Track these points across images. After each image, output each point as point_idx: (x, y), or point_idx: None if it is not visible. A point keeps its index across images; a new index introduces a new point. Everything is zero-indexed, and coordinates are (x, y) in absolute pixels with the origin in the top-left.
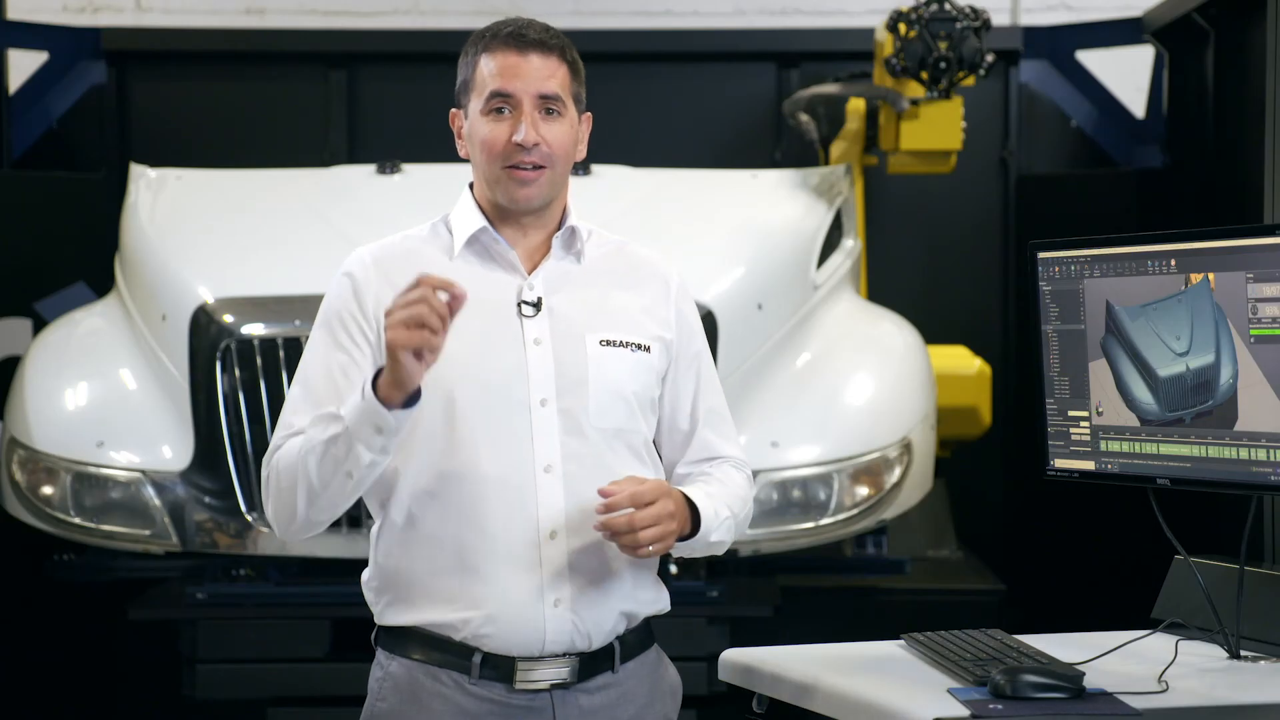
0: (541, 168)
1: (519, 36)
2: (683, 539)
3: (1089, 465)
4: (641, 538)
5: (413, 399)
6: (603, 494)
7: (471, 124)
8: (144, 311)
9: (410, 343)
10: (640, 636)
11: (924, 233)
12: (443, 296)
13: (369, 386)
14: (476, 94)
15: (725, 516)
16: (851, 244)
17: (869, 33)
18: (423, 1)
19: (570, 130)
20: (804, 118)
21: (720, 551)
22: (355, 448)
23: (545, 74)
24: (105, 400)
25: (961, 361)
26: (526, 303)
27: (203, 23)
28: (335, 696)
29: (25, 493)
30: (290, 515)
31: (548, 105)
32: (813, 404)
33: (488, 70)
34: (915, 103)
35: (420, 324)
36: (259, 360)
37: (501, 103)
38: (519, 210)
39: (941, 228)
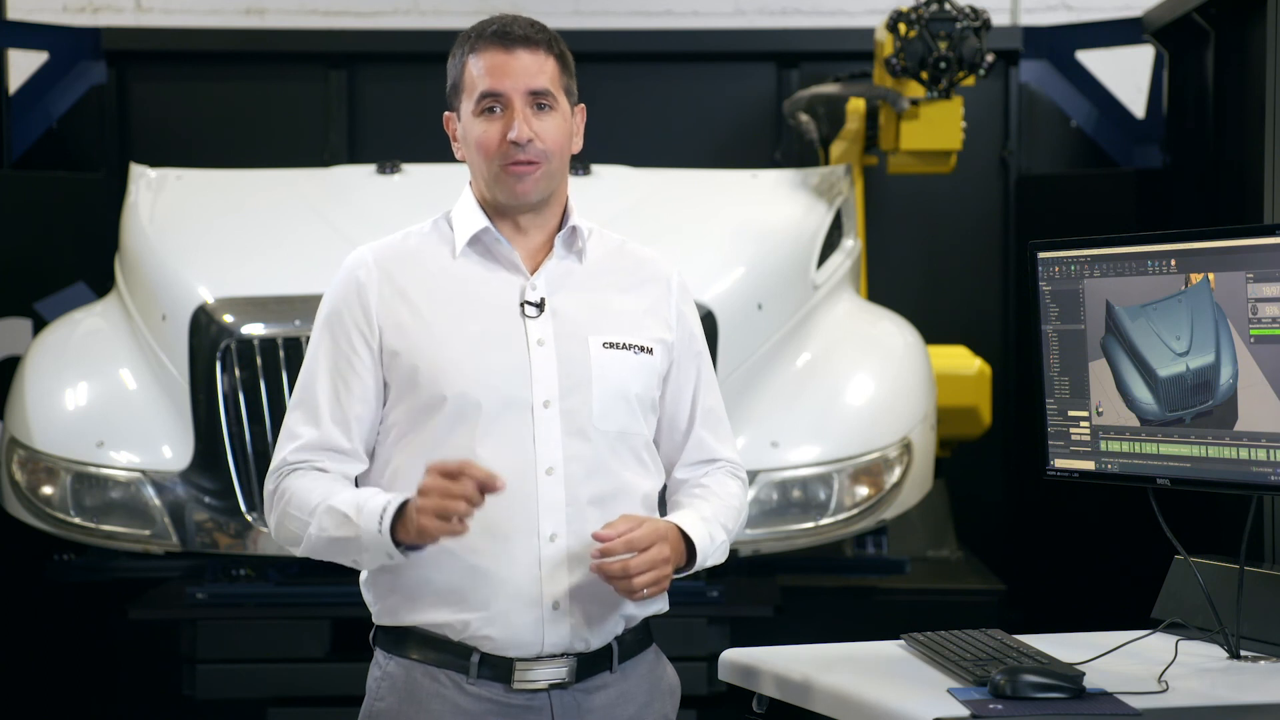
0: (537, 163)
1: (505, 34)
2: (678, 571)
3: (1089, 465)
4: (636, 584)
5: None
6: (598, 538)
7: (465, 125)
8: (144, 311)
9: (439, 534)
10: (639, 637)
11: (924, 233)
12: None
13: (388, 529)
14: (467, 95)
15: (721, 539)
16: (851, 244)
17: (869, 33)
18: (423, 1)
19: (563, 123)
20: (804, 118)
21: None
22: (363, 556)
23: (534, 69)
24: (105, 400)
25: (961, 361)
26: (530, 303)
27: (203, 23)
28: (335, 696)
29: (25, 493)
30: (292, 543)
31: (539, 101)
32: (813, 404)
33: (476, 70)
34: (915, 103)
35: (450, 517)
36: (259, 360)
37: (492, 102)
38: (519, 206)
39: (941, 228)
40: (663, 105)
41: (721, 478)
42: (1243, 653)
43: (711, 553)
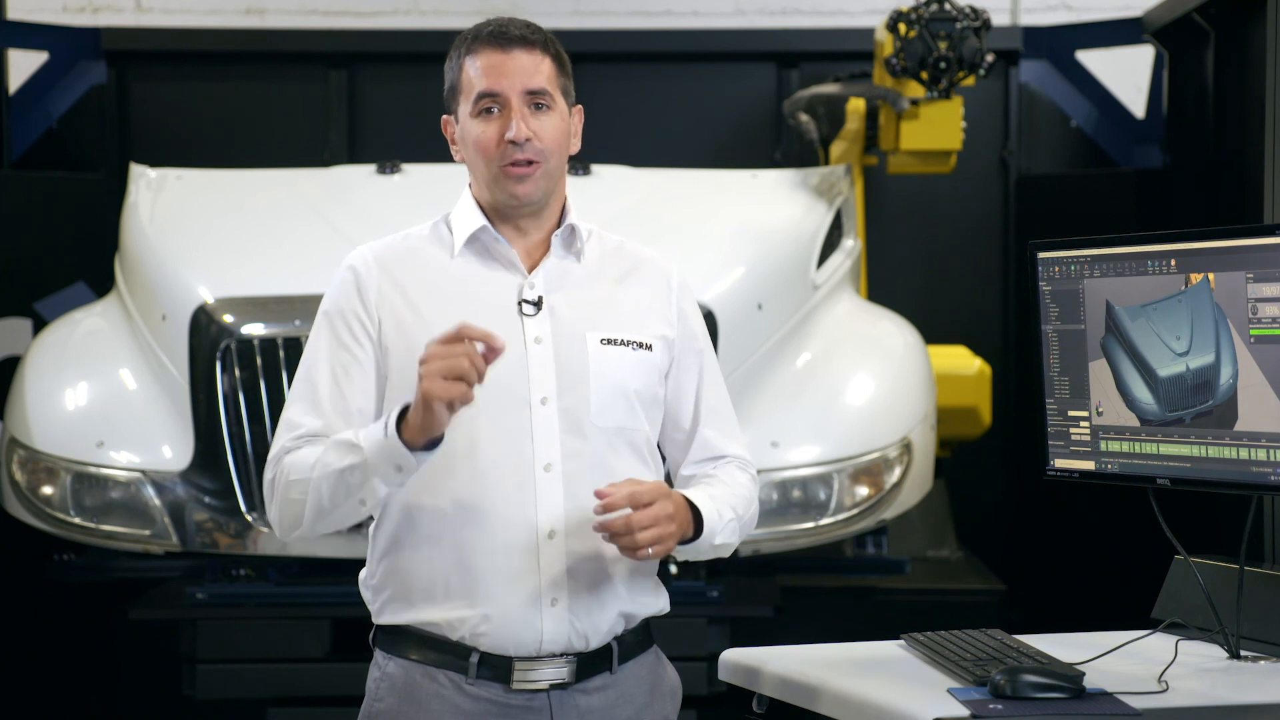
0: (536, 163)
1: (501, 35)
2: (685, 542)
3: (1089, 465)
4: (639, 539)
5: (436, 440)
6: (599, 495)
7: (463, 127)
8: (144, 311)
9: (447, 395)
10: (639, 637)
11: (924, 233)
12: (479, 347)
13: (393, 427)
14: (465, 97)
15: (729, 518)
16: (851, 244)
17: (869, 33)
18: (423, 1)
19: (561, 123)
20: (804, 118)
21: (727, 554)
22: (372, 480)
23: (531, 69)
24: (105, 400)
25: (961, 361)
26: (527, 301)
27: (203, 23)
28: (335, 696)
29: (25, 493)
30: (294, 524)
31: (536, 100)
32: (813, 404)
33: (473, 71)
34: (915, 103)
35: (459, 377)
36: (259, 360)
37: (490, 102)
38: (518, 207)
39: (941, 228)
40: (663, 105)
41: (730, 470)
42: (1243, 653)
43: (720, 528)
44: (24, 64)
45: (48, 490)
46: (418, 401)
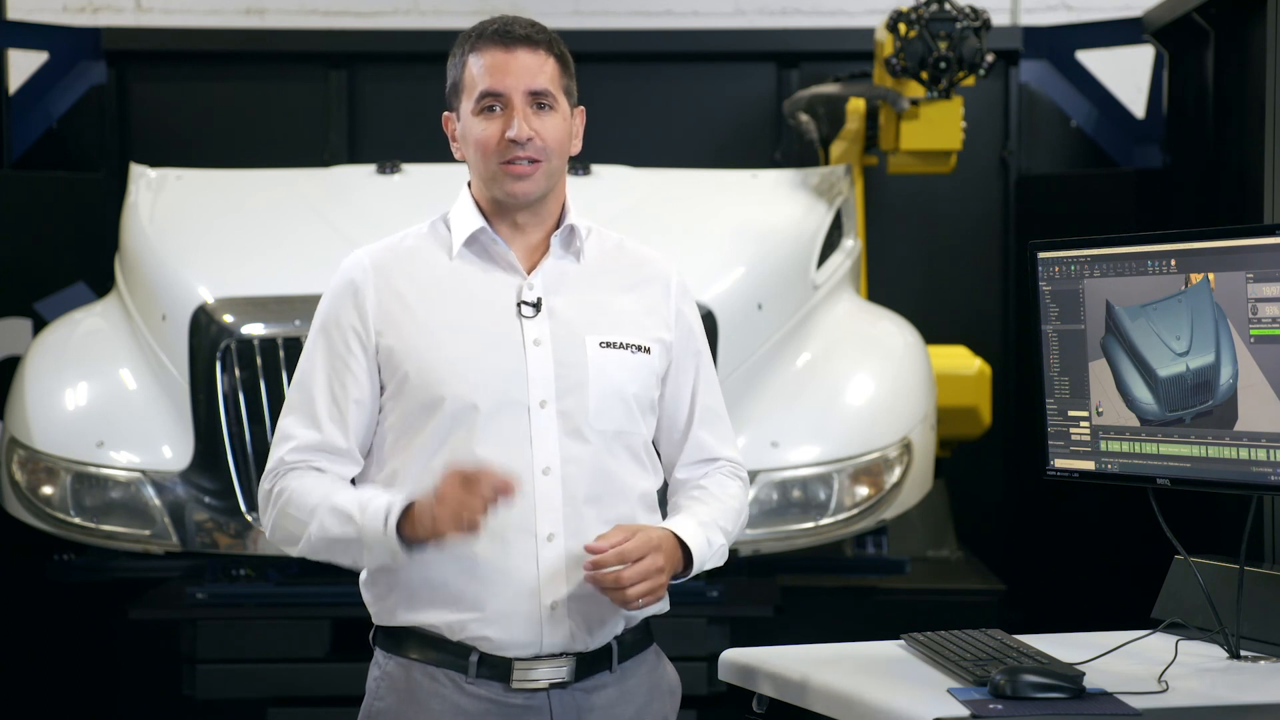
0: (537, 161)
1: (505, 34)
2: (676, 577)
3: (1089, 465)
4: (629, 594)
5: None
6: (589, 550)
7: (464, 125)
8: (144, 311)
9: (456, 533)
10: (639, 636)
11: (924, 233)
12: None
13: (394, 526)
14: (467, 94)
15: (719, 543)
16: (851, 244)
17: (869, 33)
18: (423, 1)
19: (563, 124)
20: (804, 118)
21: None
22: (365, 556)
23: (534, 69)
24: (105, 400)
25: (961, 361)
26: (526, 303)
27: (203, 23)
28: (335, 696)
29: (25, 493)
30: (288, 543)
31: (538, 100)
32: (813, 404)
33: (476, 70)
34: (915, 103)
35: (471, 521)
36: (259, 360)
37: (492, 101)
38: (517, 205)
39: (941, 228)
40: (663, 105)
41: (721, 479)
42: (1243, 653)
43: (710, 557)
44: (24, 64)
45: (48, 490)
46: (427, 529)
